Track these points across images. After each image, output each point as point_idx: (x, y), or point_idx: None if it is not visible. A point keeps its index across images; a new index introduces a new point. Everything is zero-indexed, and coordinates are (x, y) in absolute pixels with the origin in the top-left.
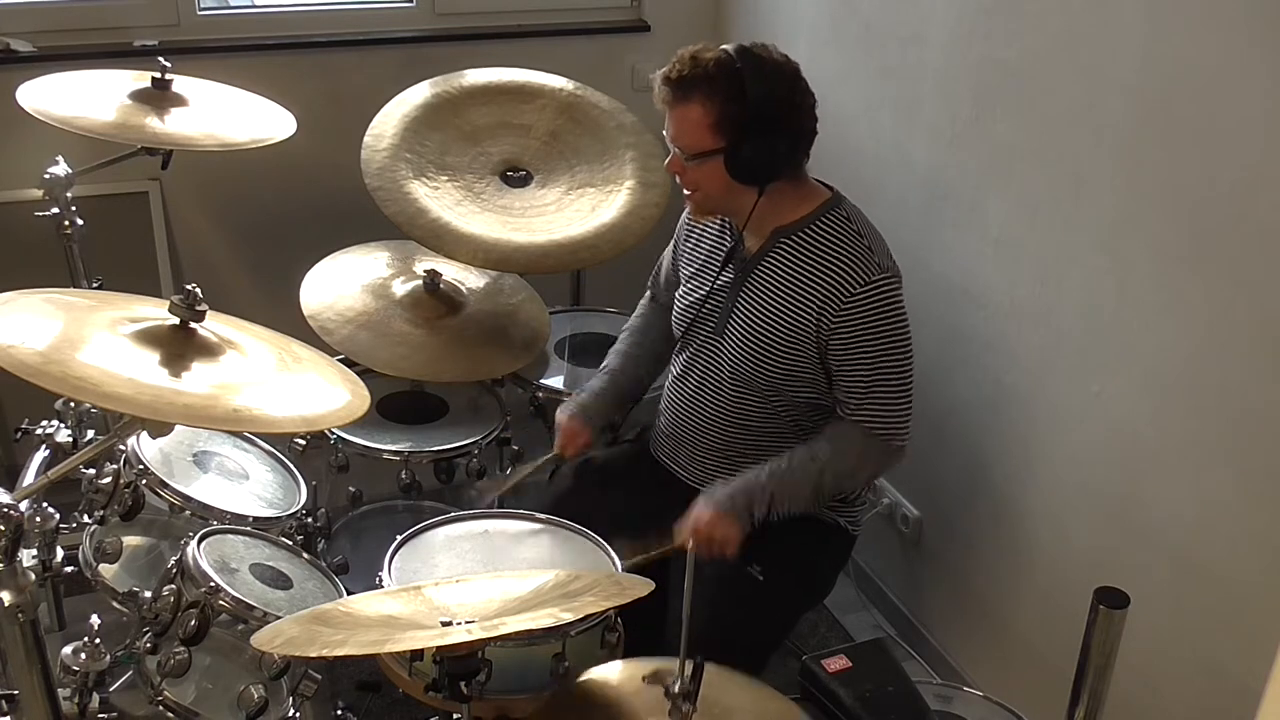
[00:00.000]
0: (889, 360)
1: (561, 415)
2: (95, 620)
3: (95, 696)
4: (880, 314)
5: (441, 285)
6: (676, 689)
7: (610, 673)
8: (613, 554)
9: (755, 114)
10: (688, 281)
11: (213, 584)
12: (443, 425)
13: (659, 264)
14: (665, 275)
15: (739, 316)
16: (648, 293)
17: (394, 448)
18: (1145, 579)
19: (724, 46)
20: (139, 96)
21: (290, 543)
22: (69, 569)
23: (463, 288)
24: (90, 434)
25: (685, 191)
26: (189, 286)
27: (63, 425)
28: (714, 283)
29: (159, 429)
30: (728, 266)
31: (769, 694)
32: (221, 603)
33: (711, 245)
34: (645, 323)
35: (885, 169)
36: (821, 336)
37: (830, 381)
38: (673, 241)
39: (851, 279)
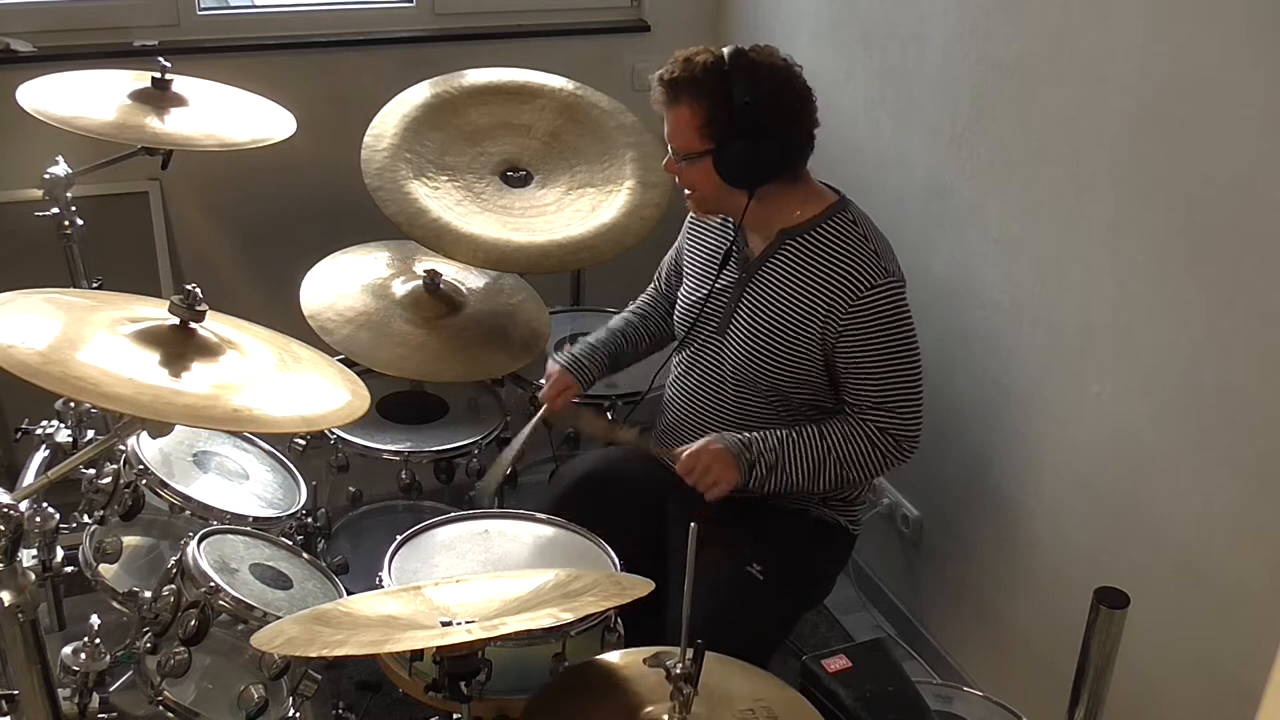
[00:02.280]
0: (896, 364)
1: (553, 366)
2: (95, 620)
3: (95, 696)
4: (887, 318)
5: (441, 285)
6: (678, 671)
7: (611, 658)
8: (612, 554)
9: (741, 118)
10: (690, 279)
11: (213, 584)
12: (443, 425)
13: (665, 260)
14: (668, 271)
15: (742, 316)
16: (653, 284)
17: (394, 448)
18: (1145, 579)
19: (722, 48)
20: (139, 96)
21: (290, 543)
22: (69, 569)
23: (463, 288)
24: (90, 434)
25: (685, 191)
26: (189, 286)
27: (63, 425)
28: (715, 282)
29: (159, 429)
30: (728, 265)
31: (770, 681)
32: (221, 603)
33: (713, 244)
34: (650, 301)
35: (885, 169)
36: (827, 341)
37: (837, 385)
38: (679, 238)
39: (858, 283)
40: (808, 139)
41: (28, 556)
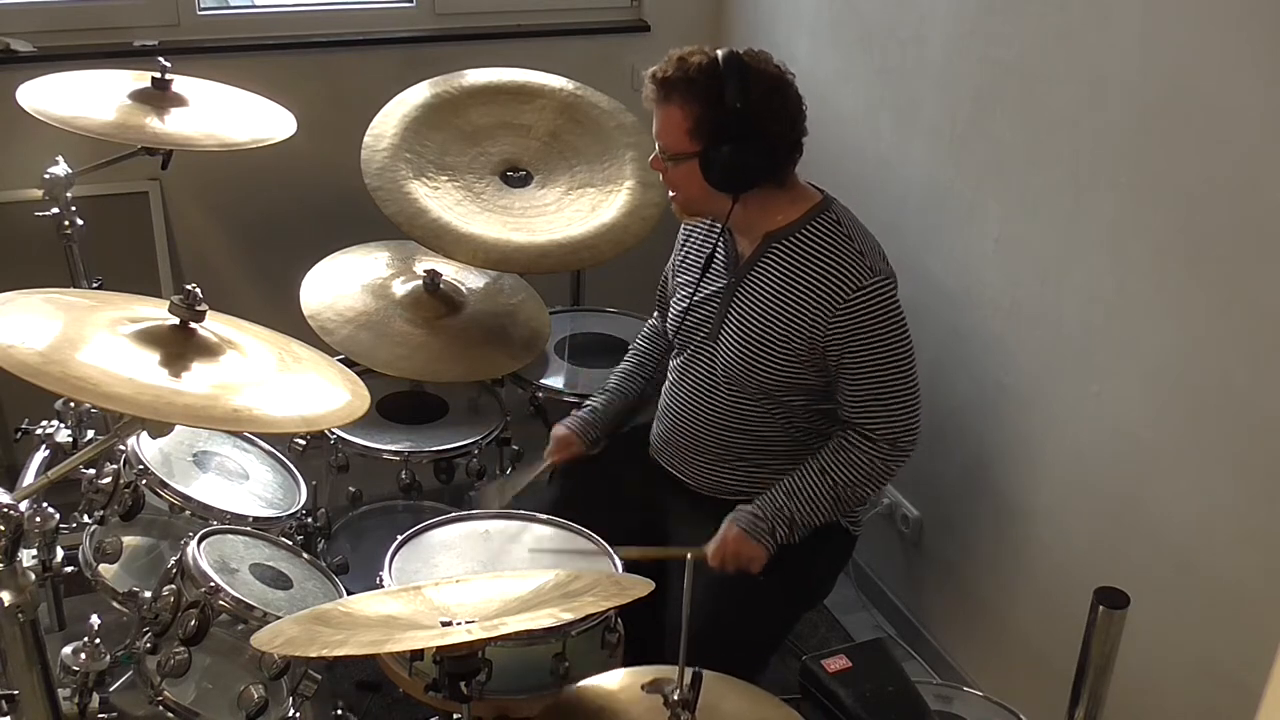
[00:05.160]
0: (888, 363)
1: (558, 429)
2: (95, 620)
3: (95, 696)
4: (875, 317)
5: (441, 285)
6: (675, 697)
7: (608, 680)
8: (613, 554)
9: (731, 122)
10: (682, 287)
11: (213, 584)
12: (443, 425)
13: (664, 278)
14: (669, 290)
15: (733, 321)
16: (655, 313)
17: (394, 448)
18: (1145, 579)
19: (717, 50)
20: (139, 96)
21: (290, 543)
22: (69, 569)
23: (463, 288)
24: (90, 434)
25: (669, 193)
26: (189, 286)
27: (63, 425)
28: (706, 287)
29: (159, 429)
30: (718, 270)
31: (768, 700)
32: (221, 603)
33: (702, 249)
34: (649, 344)
35: (885, 169)
36: (816, 343)
37: (831, 386)
38: (672, 254)
39: (843, 285)
40: (796, 148)
41: (28, 556)
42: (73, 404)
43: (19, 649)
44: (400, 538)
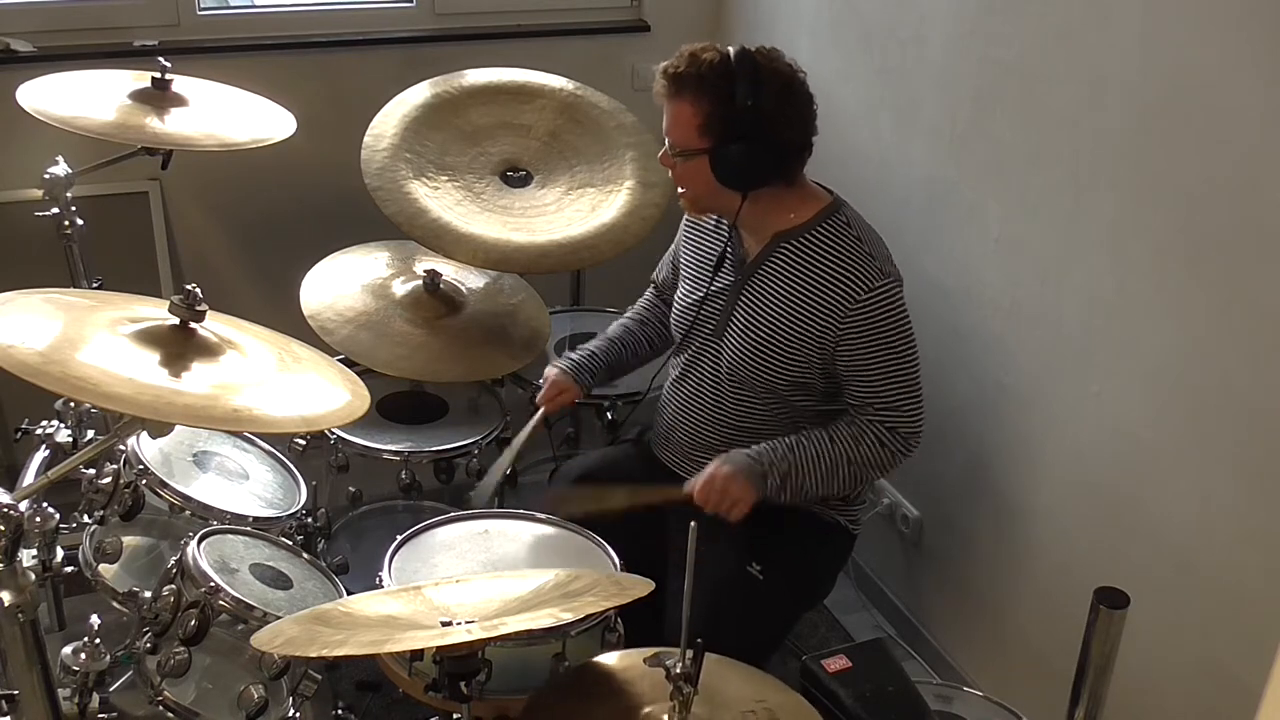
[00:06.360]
0: (897, 363)
1: (550, 370)
2: (95, 620)
3: (95, 696)
4: (885, 320)
5: (441, 285)
6: (677, 671)
7: (611, 658)
8: (612, 554)
9: (741, 121)
10: (686, 282)
11: (213, 584)
12: (443, 425)
13: (663, 260)
14: (665, 274)
15: (739, 319)
16: (650, 288)
17: (394, 448)
18: (1145, 579)
19: (729, 48)
20: (139, 96)
21: (290, 543)
22: (69, 569)
23: (463, 288)
24: (90, 434)
25: (677, 190)
26: (189, 286)
27: (63, 425)
28: (711, 284)
29: (159, 429)
30: (724, 268)
31: (771, 683)
32: (221, 603)
33: (709, 246)
34: (648, 306)
35: (885, 169)
36: (826, 344)
37: (836, 387)
38: (675, 241)
39: (855, 287)
40: (806, 146)
41: (28, 556)
42: (73, 404)
43: (19, 649)
44: (400, 538)
